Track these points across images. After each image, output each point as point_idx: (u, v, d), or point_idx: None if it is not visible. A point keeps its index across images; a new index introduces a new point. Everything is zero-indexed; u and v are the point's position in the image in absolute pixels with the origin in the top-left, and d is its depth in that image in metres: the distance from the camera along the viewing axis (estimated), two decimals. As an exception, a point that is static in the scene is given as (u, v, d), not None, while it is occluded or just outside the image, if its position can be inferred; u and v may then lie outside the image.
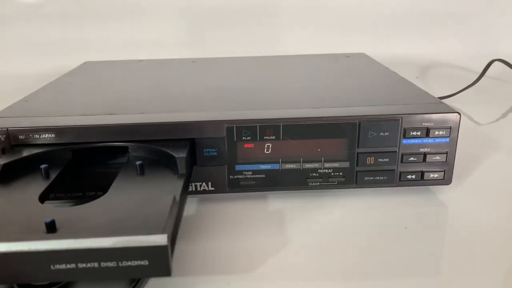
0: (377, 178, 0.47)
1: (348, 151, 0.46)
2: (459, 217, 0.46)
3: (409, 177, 0.47)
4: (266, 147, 0.45)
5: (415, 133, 0.46)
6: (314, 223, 0.44)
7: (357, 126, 0.45)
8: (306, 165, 0.46)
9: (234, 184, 0.47)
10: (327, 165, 0.46)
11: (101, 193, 0.37)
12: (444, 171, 0.47)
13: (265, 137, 0.45)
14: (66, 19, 1.11)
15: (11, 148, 0.43)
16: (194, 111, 0.47)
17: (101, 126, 0.44)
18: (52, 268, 0.30)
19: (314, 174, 0.47)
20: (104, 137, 0.44)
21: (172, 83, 0.62)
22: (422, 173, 0.47)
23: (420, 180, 0.47)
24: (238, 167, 0.46)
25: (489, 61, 0.88)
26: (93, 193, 0.46)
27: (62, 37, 1.11)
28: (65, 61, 0.82)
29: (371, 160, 0.46)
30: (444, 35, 1.15)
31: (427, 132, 0.46)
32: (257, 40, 1.12)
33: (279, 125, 0.45)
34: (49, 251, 0.29)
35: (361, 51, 0.82)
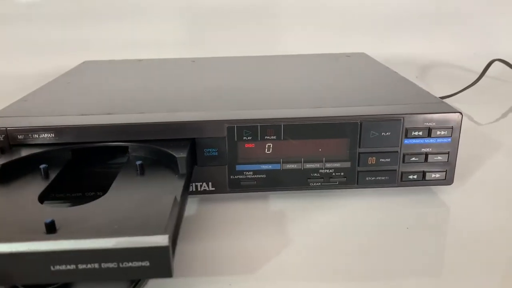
0: (379, 178, 0.47)
1: (350, 151, 0.46)
2: (460, 217, 0.46)
3: (410, 177, 0.47)
4: (267, 147, 0.45)
5: (416, 133, 0.45)
6: (315, 223, 0.44)
7: (359, 126, 0.45)
8: (307, 165, 0.46)
9: (235, 184, 0.47)
10: (328, 165, 0.46)
11: (101, 193, 0.37)
12: (446, 171, 0.47)
13: (266, 137, 0.45)
14: (65, 19, 1.11)
15: (10, 148, 0.43)
16: (194, 111, 0.47)
17: (101, 125, 0.43)
18: (52, 269, 0.29)
19: (315, 174, 0.47)
20: (104, 137, 0.43)
21: (172, 83, 0.61)
22: (424, 173, 0.47)
23: (422, 180, 0.47)
24: (238, 167, 0.46)
25: (489, 61, 0.88)
26: (93, 193, 0.45)
27: (62, 37, 1.11)
28: (65, 61, 0.82)
29: (372, 160, 0.46)
30: (444, 35, 1.15)
31: (429, 132, 0.45)
32: (257, 40, 1.12)
33: (280, 125, 0.44)
34: (49, 252, 0.29)
35: (361, 51, 0.82)
